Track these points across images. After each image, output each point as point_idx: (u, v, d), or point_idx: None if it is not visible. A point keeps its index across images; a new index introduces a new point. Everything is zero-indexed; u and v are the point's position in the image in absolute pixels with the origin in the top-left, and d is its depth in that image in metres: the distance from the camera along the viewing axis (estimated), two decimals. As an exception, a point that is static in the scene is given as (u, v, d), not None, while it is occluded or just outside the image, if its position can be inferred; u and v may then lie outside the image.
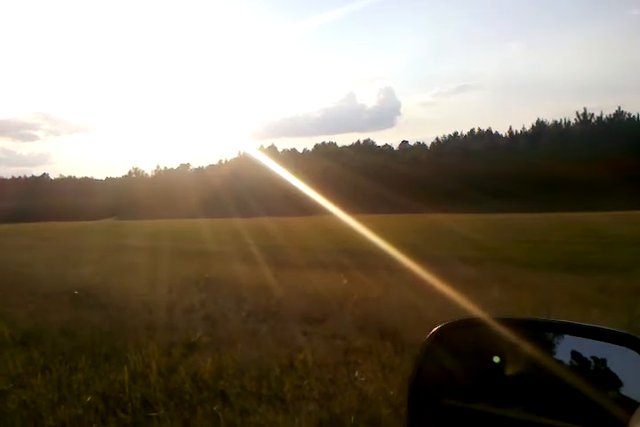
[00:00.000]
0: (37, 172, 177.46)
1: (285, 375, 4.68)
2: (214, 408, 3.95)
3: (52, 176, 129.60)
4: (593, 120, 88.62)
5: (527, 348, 1.05)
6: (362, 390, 4.24)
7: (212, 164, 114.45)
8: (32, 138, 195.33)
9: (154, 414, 3.89)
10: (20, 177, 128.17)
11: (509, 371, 1.07)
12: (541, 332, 1.08)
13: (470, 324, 1.14)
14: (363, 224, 19.83)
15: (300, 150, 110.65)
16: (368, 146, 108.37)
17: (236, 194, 73.40)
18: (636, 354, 0.90)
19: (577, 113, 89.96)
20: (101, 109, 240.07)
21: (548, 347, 1.04)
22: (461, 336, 1.15)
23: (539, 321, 1.11)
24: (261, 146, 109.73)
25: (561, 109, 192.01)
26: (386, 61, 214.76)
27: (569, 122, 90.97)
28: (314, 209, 37.39)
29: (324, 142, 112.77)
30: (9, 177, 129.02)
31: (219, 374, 4.71)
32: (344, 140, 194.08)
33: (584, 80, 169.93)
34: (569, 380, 0.98)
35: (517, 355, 1.06)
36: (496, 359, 1.06)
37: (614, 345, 0.94)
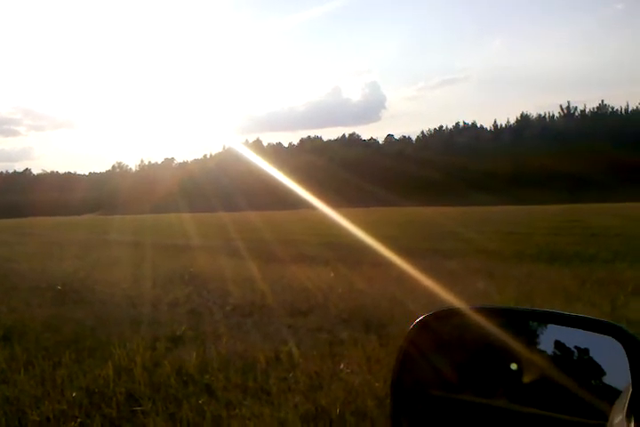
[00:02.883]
0: (19, 167, 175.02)
1: (271, 368, 4.69)
2: (200, 402, 3.95)
3: (35, 171, 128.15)
4: (577, 114, 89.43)
5: (510, 337, 1.04)
6: (347, 382, 4.25)
7: (196, 158, 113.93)
8: (14, 133, 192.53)
9: (139, 408, 3.87)
10: (1, 172, 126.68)
11: (493, 361, 1.07)
12: (525, 321, 1.08)
13: (453, 314, 1.13)
14: (347, 218, 19.86)
15: (286, 144, 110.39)
16: (353, 140, 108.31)
17: (221, 188, 73.21)
18: (617, 343, 0.91)
19: (560, 106, 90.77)
20: (84, 104, 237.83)
21: (532, 336, 1.04)
22: (445, 326, 1.14)
23: (522, 310, 1.12)
24: (246, 140, 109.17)
25: (545, 103, 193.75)
26: (371, 56, 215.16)
27: (553, 115, 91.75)
28: (299, 203, 37.37)
29: (309, 137, 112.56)
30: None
31: (204, 368, 4.70)
32: (329, 134, 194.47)
33: (568, 74, 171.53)
34: (552, 369, 0.98)
35: (501, 344, 1.05)
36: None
37: (597, 334, 0.94)
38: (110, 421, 3.74)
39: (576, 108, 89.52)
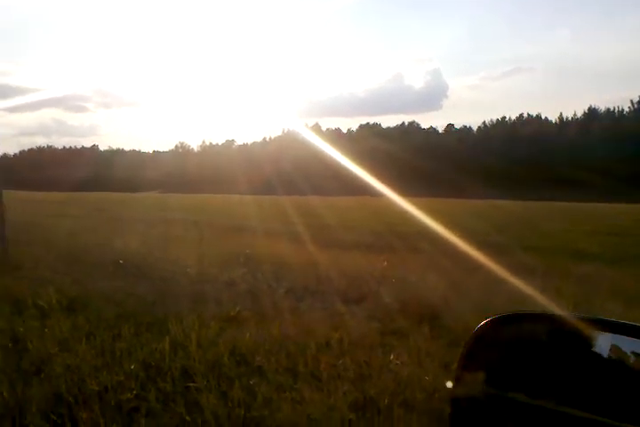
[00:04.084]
0: (87, 143, 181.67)
1: (321, 354, 4.72)
2: (251, 382, 4.03)
3: (102, 148, 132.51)
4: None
5: (568, 341, 1.09)
6: (397, 373, 4.25)
7: (256, 141, 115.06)
8: (83, 109, 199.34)
9: (193, 384, 3.98)
10: (70, 147, 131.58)
11: (551, 364, 1.09)
12: (584, 328, 1.08)
13: (518, 318, 1.18)
14: (408, 206, 19.70)
15: (345, 130, 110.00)
16: (413, 128, 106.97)
17: (281, 171, 73.72)
18: None
19: (631, 101, 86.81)
20: (149, 84, 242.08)
21: (589, 340, 1.05)
22: (508, 330, 1.18)
23: (583, 318, 1.12)
24: (305, 124, 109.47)
25: (614, 97, 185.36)
26: (434, 43, 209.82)
27: (622, 110, 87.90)
28: (358, 189, 37.29)
29: (368, 123, 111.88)
30: (60, 147, 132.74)
31: (256, 350, 4.78)
32: (389, 121, 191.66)
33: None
34: (607, 374, 1.00)
35: (559, 348, 1.10)
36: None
37: None
38: (165, 395, 3.86)
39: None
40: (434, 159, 75.12)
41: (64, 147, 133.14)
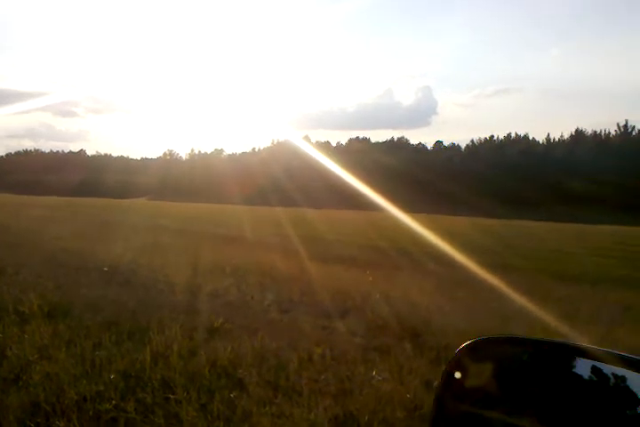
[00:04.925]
0: (75, 148, 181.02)
1: (303, 368, 4.71)
2: (232, 395, 4.00)
3: (89, 153, 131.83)
4: (634, 133, 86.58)
5: (549, 364, 1.10)
6: (378, 390, 4.24)
7: (245, 151, 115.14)
8: (72, 114, 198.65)
9: (173, 396, 3.95)
10: (57, 152, 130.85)
11: (530, 385, 1.11)
12: (562, 354, 1.11)
13: (502, 341, 1.21)
14: (394, 221, 19.79)
15: (334, 143, 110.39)
16: (402, 144, 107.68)
17: (270, 182, 73.67)
18: None
19: (617, 124, 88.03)
20: (140, 91, 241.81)
21: (568, 361, 1.07)
22: (491, 352, 1.20)
23: (561, 344, 1.14)
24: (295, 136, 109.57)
25: (601, 119, 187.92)
26: (425, 60, 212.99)
27: (609, 133, 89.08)
28: (346, 201, 37.43)
29: (357, 137, 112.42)
30: (47, 151, 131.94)
31: (238, 362, 4.75)
32: (378, 136, 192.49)
33: (628, 90, 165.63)
34: (586, 395, 1.02)
35: (539, 370, 1.12)
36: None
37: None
38: (144, 405, 3.82)
39: (634, 127, 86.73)
40: (422, 175, 75.56)
41: (51, 151, 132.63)
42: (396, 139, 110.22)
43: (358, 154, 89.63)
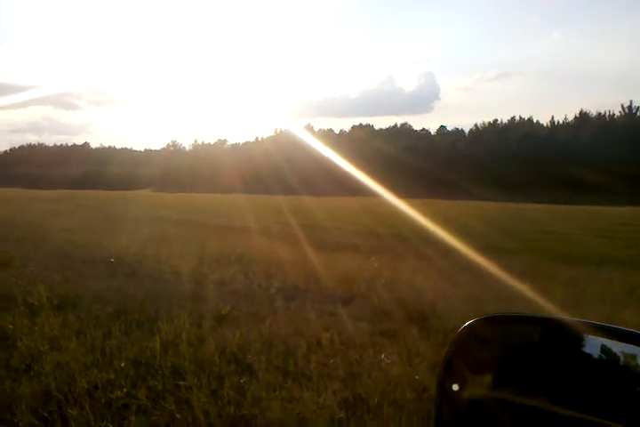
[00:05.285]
0: (79, 140, 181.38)
1: (312, 353, 4.74)
2: (241, 381, 4.04)
3: (93, 146, 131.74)
4: (639, 113, 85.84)
5: (557, 342, 1.08)
6: (387, 373, 4.27)
7: (248, 140, 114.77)
8: (74, 107, 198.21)
9: (183, 382, 3.99)
10: (61, 145, 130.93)
11: (539, 364, 1.09)
12: (571, 330, 1.08)
13: (501, 319, 1.18)
14: (399, 207, 19.77)
15: (337, 131, 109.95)
16: (405, 130, 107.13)
17: (274, 171, 73.57)
18: None
19: (622, 106, 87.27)
20: (142, 82, 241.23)
21: (578, 340, 1.05)
22: (493, 331, 1.17)
23: (567, 320, 1.12)
24: (298, 124, 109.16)
25: (605, 101, 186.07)
26: (427, 46, 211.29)
27: (613, 114, 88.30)
28: (350, 189, 37.39)
29: (360, 124, 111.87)
30: (51, 144, 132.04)
31: (246, 349, 4.79)
32: (381, 122, 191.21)
33: (631, 71, 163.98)
34: (597, 374, 1.00)
35: (545, 349, 1.10)
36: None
37: None
38: (155, 392, 3.86)
39: (638, 108, 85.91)
40: (426, 160, 75.25)
41: (55, 144, 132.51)
42: (399, 125, 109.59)
43: (362, 141, 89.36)
